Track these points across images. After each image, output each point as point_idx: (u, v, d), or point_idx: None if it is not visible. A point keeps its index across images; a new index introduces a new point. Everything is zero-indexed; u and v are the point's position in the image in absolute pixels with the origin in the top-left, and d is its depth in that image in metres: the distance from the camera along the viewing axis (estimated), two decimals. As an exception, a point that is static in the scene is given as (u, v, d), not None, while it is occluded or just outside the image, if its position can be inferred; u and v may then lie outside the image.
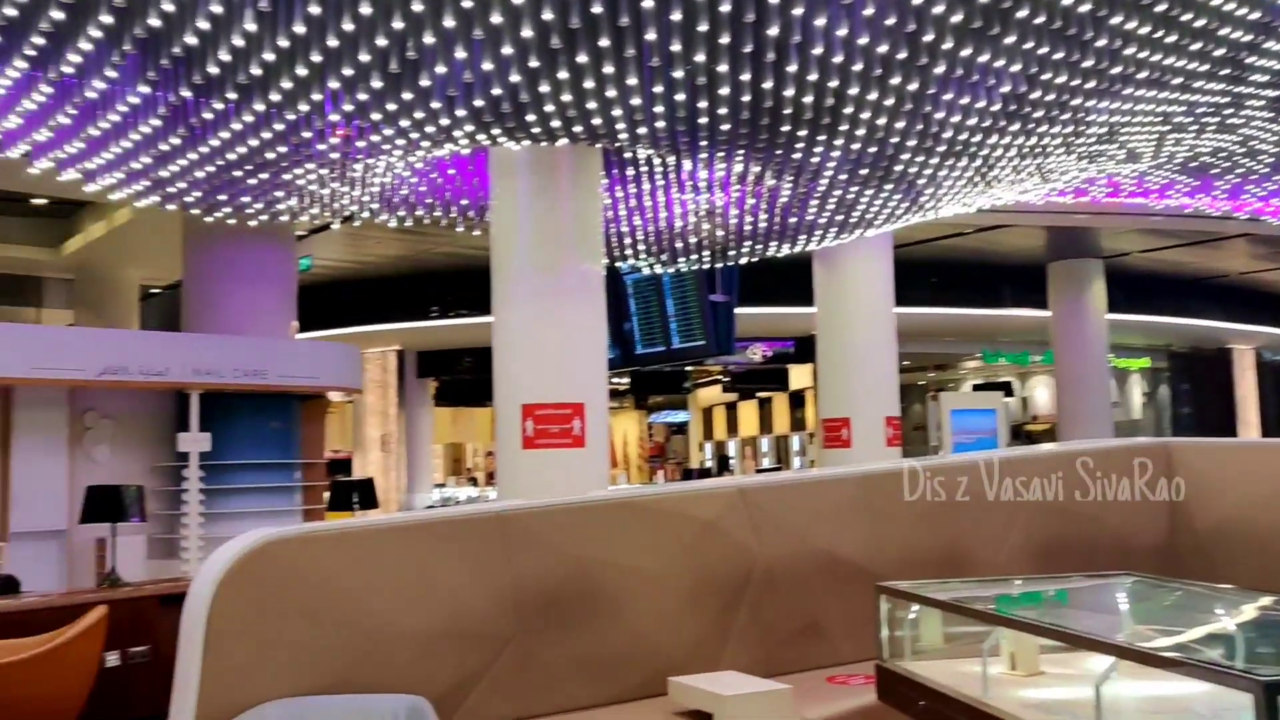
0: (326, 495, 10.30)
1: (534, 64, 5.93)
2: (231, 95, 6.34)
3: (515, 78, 6.11)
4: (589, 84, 6.32)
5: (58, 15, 5.44)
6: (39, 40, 5.74)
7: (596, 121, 7.00)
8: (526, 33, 5.59)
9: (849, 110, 6.93)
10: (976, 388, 24.39)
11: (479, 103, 6.40)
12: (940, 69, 6.38)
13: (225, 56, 5.76)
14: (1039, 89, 6.89)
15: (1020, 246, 16.78)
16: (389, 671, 3.41)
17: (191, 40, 5.63)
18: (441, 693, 3.47)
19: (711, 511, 4.27)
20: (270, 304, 11.61)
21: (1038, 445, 6.99)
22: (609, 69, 6.12)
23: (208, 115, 6.80)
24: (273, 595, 3.35)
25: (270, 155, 7.63)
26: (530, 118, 6.79)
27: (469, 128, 6.95)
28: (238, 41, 5.61)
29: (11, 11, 5.40)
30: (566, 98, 6.49)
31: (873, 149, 7.81)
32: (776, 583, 4.36)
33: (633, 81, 6.29)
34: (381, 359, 20.00)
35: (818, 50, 5.98)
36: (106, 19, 5.43)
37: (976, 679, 2.23)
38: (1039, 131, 7.81)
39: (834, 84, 6.44)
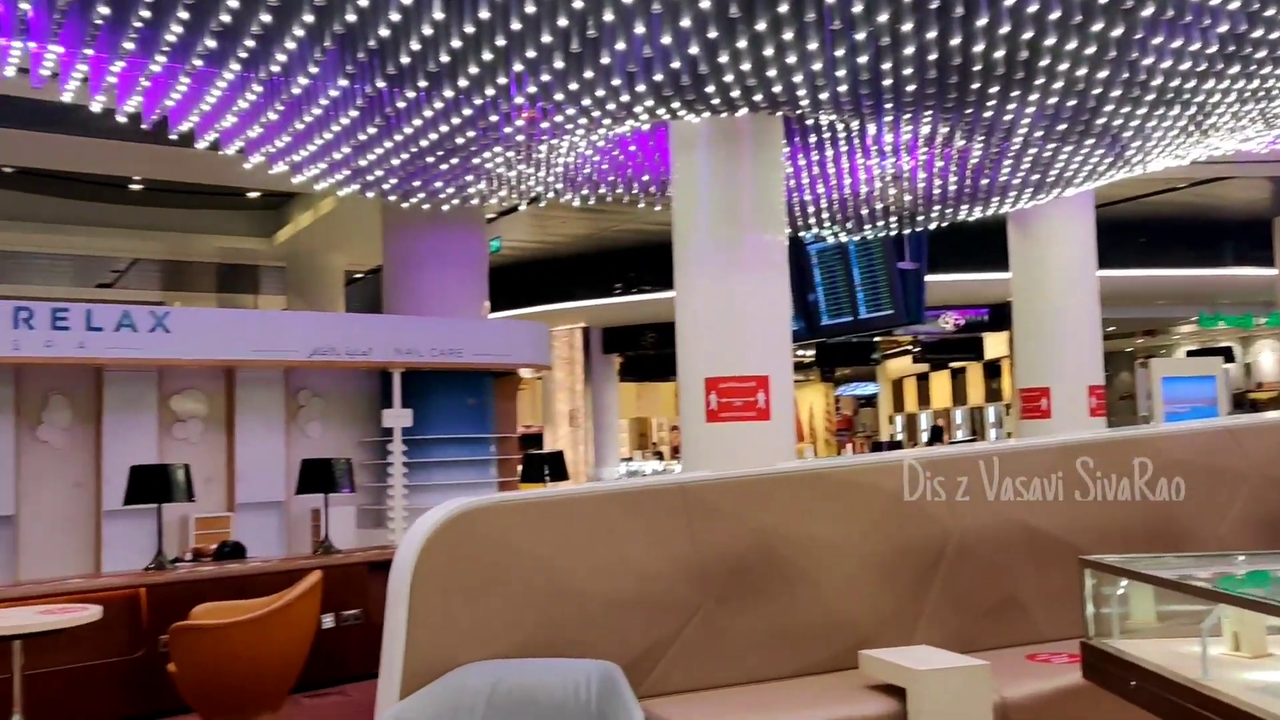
0: (520, 468, 10.66)
1: (712, 34, 5.87)
2: (422, 84, 6.58)
3: (694, 49, 6.07)
4: (768, 52, 6.21)
5: (266, 18, 5.78)
6: (250, 43, 6.12)
7: (777, 89, 6.89)
8: (704, 3, 5.55)
9: (1045, 62, 6.54)
10: (1191, 353, 22.81)
11: (659, 77, 6.41)
12: (1148, 10, 5.93)
13: (415, 46, 5.98)
14: (1262, 26, 6.31)
15: (1242, 199, 15.52)
16: (581, 637, 3.50)
17: (384, 32, 5.88)
18: (631, 659, 3.53)
19: (898, 482, 4.16)
20: (463, 285, 12.09)
21: (1263, 414, 6.46)
22: (788, 35, 6.00)
23: (401, 104, 7.09)
24: (470, 561, 3.48)
25: (460, 140, 7.90)
26: (710, 89, 6.75)
27: (649, 102, 6.97)
28: (426, 30, 5.81)
29: (226, 18, 5.78)
30: (746, 67, 6.41)
31: (1072, 102, 7.36)
32: (971, 556, 4.21)
33: (813, 46, 6.14)
34: (568, 336, 20.48)
35: (1010, 1, 5.68)
36: (308, 18, 5.74)
37: (1195, 659, 2.08)
38: (1262, 74, 7.16)
39: (1028, 35, 6.09)
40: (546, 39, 5.84)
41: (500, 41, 5.88)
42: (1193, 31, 6.27)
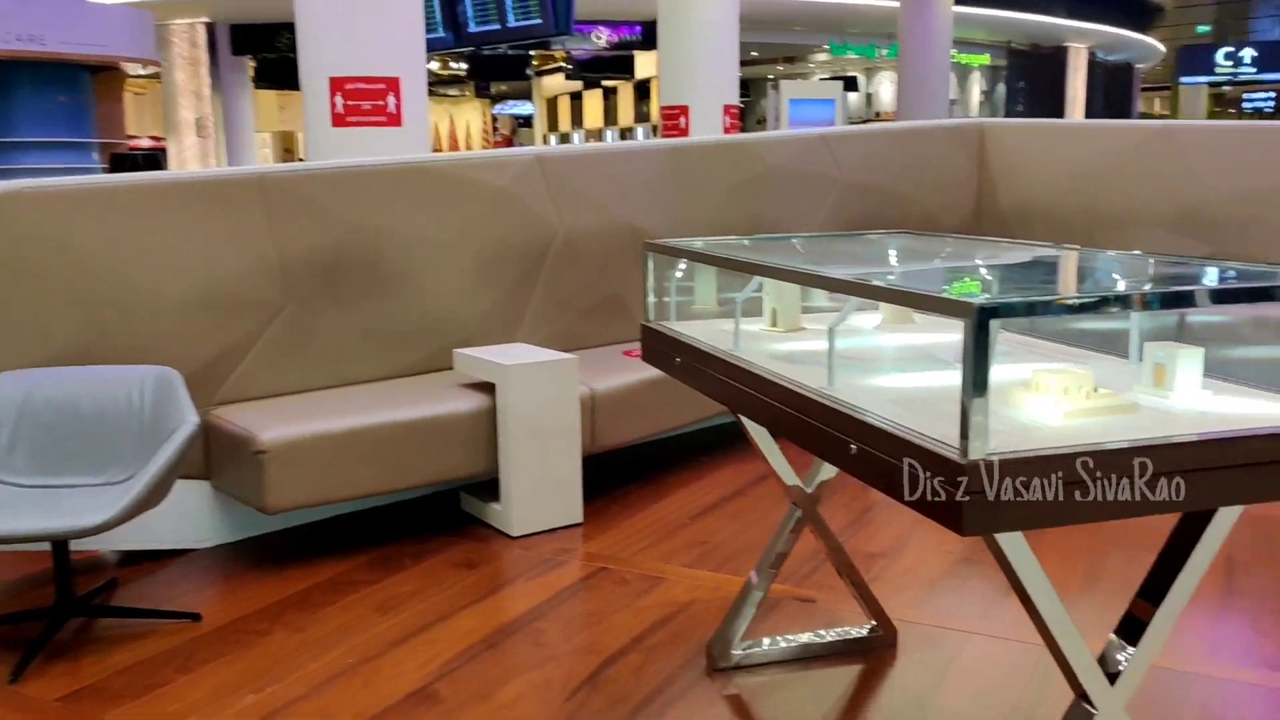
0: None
1: None
2: None
3: None
4: None
5: None
6: None
7: None
8: None
9: None
10: (823, 82, 24.17)
11: None
12: None
13: None
14: None
15: (876, -71, 16.05)
16: (141, 342, 3.14)
17: None
18: (201, 365, 3.24)
19: (505, 179, 4.00)
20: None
21: (857, 126, 6.87)
22: None
23: None
24: (3, 257, 2.98)
25: None
26: None
27: None
28: None
29: None
30: None
31: None
32: (577, 256, 4.21)
33: None
34: (189, 32, 18.17)
35: None
36: None
37: (733, 335, 2.14)
38: None
39: None
40: None
41: None
42: None
